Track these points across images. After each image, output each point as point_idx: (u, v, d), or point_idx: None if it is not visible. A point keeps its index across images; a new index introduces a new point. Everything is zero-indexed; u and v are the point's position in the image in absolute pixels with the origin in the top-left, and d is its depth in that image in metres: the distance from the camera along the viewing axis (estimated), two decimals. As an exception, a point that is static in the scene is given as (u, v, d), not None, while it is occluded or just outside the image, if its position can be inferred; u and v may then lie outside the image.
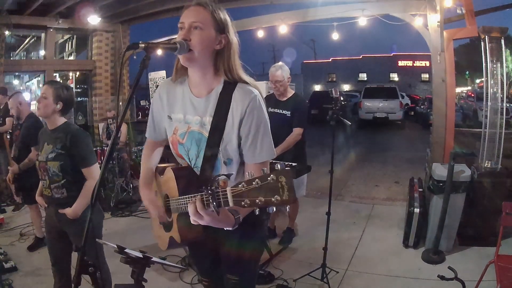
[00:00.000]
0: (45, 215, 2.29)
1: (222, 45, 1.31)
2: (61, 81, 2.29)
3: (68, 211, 2.07)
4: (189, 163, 1.41)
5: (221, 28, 1.30)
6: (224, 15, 1.32)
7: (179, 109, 1.41)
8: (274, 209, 0.91)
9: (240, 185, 0.93)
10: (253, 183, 0.90)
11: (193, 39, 1.25)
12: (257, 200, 0.89)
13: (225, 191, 0.96)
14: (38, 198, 2.28)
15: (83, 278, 1.20)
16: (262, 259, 2.91)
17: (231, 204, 0.94)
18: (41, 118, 2.69)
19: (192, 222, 1.12)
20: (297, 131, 3.28)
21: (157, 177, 1.53)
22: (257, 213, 0.95)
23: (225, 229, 1.20)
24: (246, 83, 1.35)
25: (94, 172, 2.13)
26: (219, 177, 1.04)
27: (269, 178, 0.88)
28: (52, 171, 2.09)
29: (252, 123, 1.30)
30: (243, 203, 0.91)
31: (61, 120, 2.20)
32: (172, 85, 1.44)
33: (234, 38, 1.34)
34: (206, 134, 1.34)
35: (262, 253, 1.65)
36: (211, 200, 1.00)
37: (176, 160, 1.50)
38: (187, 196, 1.20)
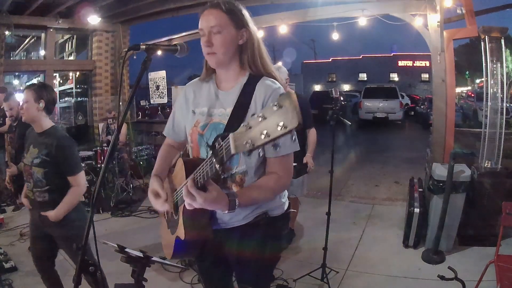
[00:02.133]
0: (30, 217, 2.29)
1: (244, 38, 1.33)
2: (39, 82, 2.27)
3: (51, 214, 2.06)
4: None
5: (240, 24, 1.31)
6: (240, 9, 1.33)
7: (204, 103, 1.42)
8: (279, 147, 0.84)
9: (242, 125, 0.86)
10: (255, 117, 0.82)
11: (215, 43, 1.28)
12: (261, 135, 0.80)
13: (228, 138, 0.88)
14: (23, 200, 2.26)
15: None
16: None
17: (232, 150, 0.86)
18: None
19: (186, 206, 1.11)
20: (314, 132, 3.44)
21: (169, 177, 1.49)
22: (260, 154, 0.89)
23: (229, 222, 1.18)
24: (272, 77, 1.36)
25: (79, 180, 2.13)
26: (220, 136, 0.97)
27: (271, 104, 0.80)
28: (36, 177, 2.08)
29: None
30: (244, 143, 0.83)
31: (48, 123, 2.16)
32: (199, 84, 1.48)
33: (254, 29, 1.36)
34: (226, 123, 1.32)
35: (277, 261, 1.57)
36: (212, 157, 0.95)
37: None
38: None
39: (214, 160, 0.96)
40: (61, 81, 9.31)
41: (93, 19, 6.15)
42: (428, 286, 2.81)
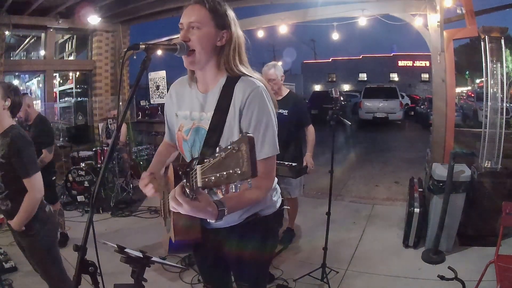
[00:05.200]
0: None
1: (223, 41, 1.29)
2: (8, 82, 2.15)
3: (12, 223, 1.99)
4: None
5: (222, 24, 1.28)
6: (225, 10, 1.29)
7: (186, 107, 1.40)
8: (239, 187, 0.81)
9: (206, 160, 0.86)
10: (217, 154, 0.82)
11: (192, 39, 1.25)
12: (220, 176, 0.81)
13: (195, 170, 0.89)
14: None
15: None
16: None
17: (199, 183, 0.87)
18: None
19: (171, 208, 1.08)
20: (312, 129, 3.43)
21: (165, 178, 1.49)
22: (223, 193, 0.87)
23: (223, 226, 1.17)
24: (250, 76, 1.32)
25: (35, 183, 1.96)
26: (196, 160, 0.99)
27: (229, 147, 0.80)
28: None
29: (252, 115, 1.23)
30: (207, 179, 0.84)
31: (9, 122, 2.03)
32: (183, 84, 1.45)
33: (238, 32, 1.32)
34: (207, 128, 1.30)
35: (272, 259, 1.59)
36: (185, 181, 0.95)
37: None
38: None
39: (187, 185, 0.97)
40: (61, 81, 9.30)
41: (93, 19, 6.14)
42: (428, 286, 2.81)
